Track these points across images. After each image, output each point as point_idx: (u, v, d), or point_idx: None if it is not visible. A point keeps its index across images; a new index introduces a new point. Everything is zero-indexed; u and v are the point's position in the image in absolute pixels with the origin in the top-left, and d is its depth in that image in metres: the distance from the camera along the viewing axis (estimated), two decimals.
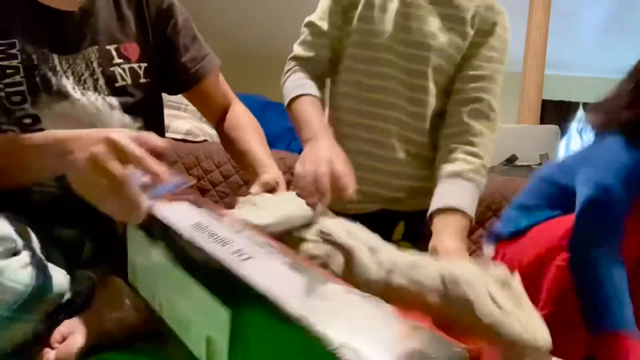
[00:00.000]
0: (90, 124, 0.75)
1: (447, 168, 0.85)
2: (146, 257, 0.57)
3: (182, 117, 2.03)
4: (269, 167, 0.78)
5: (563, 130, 5.26)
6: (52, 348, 0.59)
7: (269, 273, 0.40)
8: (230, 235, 0.47)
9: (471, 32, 0.89)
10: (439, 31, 0.88)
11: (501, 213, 1.61)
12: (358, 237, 0.55)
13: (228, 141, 0.90)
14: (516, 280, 0.46)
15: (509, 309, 0.43)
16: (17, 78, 0.70)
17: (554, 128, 2.69)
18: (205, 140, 1.96)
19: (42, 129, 0.71)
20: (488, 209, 1.60)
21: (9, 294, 0.53)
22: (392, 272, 0.50)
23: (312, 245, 0.56)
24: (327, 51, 0.97)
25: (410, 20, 0.88)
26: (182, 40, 0.86)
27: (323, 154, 0.73)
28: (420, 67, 0.89)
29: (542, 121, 3.94)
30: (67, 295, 0.63)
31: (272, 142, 2.44)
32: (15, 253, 0.55)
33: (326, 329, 0.31)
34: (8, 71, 0.69)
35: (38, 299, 0.57)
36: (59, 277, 0.61)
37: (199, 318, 0.46)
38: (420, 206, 0.89)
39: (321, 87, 0.96)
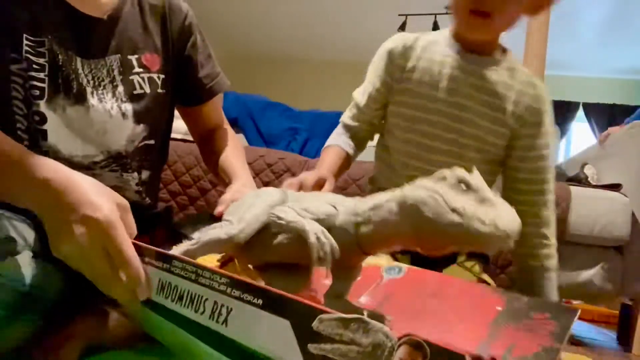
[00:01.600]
0: (101, 131, 0.77)
1: (531, 263, 0.94)
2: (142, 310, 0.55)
3: None
4: (240, 177, 0.83)
5: (563, 130, 5.26)
6: (52, 348, 0.59)
7: (255, 326, 0.41)
8: (194, 288, 0.45)
9: (512, 122, 0.92)
10: (482, 121, 0.92)
11: None
12: (309, 211, 0.54)
13: (207, 153, 0.97)
14: (475, 177, 0.47)
15: (469, 212, 0.44)
16: (42, 75, 0.72)
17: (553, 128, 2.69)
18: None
19: (45, 131, 0.72)
20: None
21: (9, 293, 0.53)
22: (359, 224, 0.51)
23: (281, 237, 0.55)
24: (364, 123, 1.03)
25: (453, 107, 0.92)
26: (199, 57, 0.91)
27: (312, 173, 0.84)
28: (463, 151, 0.94)
29: None
30: (67, 296, 0.63)
31: (272, 142, 2.44)
32: (15, 253, 0.55)
33: None
34: (35, 66, 0.71)
35: (38, 299, 0.57)
36: (58, 277, 0.61)
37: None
38: None
39: (359, 147, 1.04)
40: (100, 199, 0.50)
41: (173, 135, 2.06)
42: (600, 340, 1.97)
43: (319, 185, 0.83)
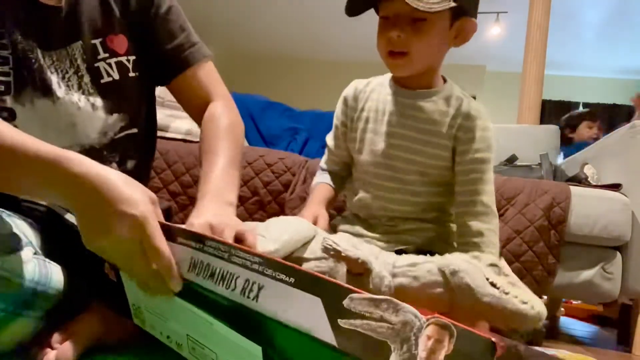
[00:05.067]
0: (69, 124, 0.74)
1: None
2: (147, 300, 0.57)
3: (182, 117, 2.03)
4: (204, 213, 0.66)
5: (563, 131, 5.26)
6: (52, 348, 0.59)
7: (286, 302, 0.42)
8: (226, 266, 0.47)
9: (450, 144, 0.99)
10: (420, 146, 1.00)
11: (501, 213, 1.61)
12: (359, 248, 0.58)
13: (200, 145, 0.84)
14: (504, 263, 0.53)
15: (505, 288, 0.50)
16: (6, 68, 0.69)
17: (554, 128, 2.69)
18: None
19: (16, 127, 0.67)
20: None
21: (12, 288, 0.53)
22: (395, 274, 0.55)
23: (314, 264, 0.60)
24: (337, 165, 1.15)
25: (394, 137, 1.01)
26: (167, 27, 0.83)
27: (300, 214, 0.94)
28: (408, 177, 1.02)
29: (542, 121, 3.93)
30: (68, 294, 0.63)
31: (272, 142, 2.44)
32: (19, 249, 0.55)
33: None
34: None
35: (40, 295, 0.57)
36: (60, 275, 0.61)
37: (226, 353, 0.48)
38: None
39: (339, 187, 1.15)
40: (135, 195, 0.52)
41: (173, 135, 2.06)
42: (600, 340, 1.97)
43: (314, 221, 0.93)
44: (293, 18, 5.19)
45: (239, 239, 0.61)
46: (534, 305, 0.50)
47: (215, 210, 0.66)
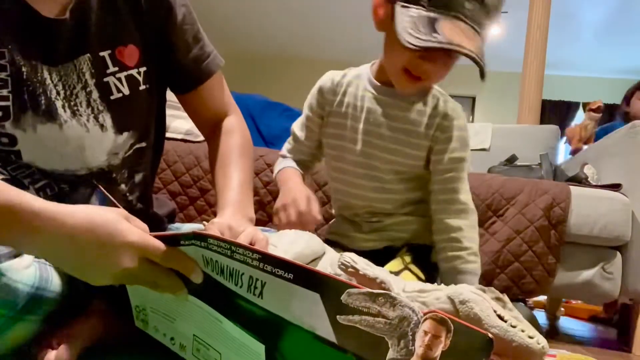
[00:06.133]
0: (77, 147, 0.71)
1: (445, 265, 0.97)
2: (154, 300, 0.58)
3: (182, 117, 2.02)
4: (226, 207, 0.73)
5: (563, 130, 5.26)
6: (52, 348, 0.59)
7: (287, 299, 0.42)
8: (231, 263, 0.48)
9: (428, 143, 0.99)
10: (397, 146, 1.00)
11: (501, 213, 1.61)
12: (374, 268, 0.60)
13: (210, 155, 0.88)
14: (506, 299, 0.56)
15: (512, 322, 0.52)
16: (4, 92, 0.65)
17: (554, 128, 2.69)
18: (205, 140, 1.96)
19: (18, 151, 0.67)
20: (488, 209, 1.60)
21: (12, 294, 0.53)
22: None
23: None
24: (305, 155, 1.13)
25: (371, 136, 1.01)
26: (182, 37, 0.79)
27: (290, 196, 0.95)
28: (382, 175, 1.02)
29: (542, 121, 3.94)
30: (68, 296, 0.63)
31: (272, 142, 2.44)
32: (18, 254, 0.55)
33: None
34: None
35: (40, 299, 0.57)
36: (60, 278, 0.61)
37: (230, 353, 0.48)
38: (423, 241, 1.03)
39: (308, 166, 1.15)
40: (121, 226, 0.50)
41: (173, 135, 2.06)
42: (600, 340, 1.97)
43: (307, 201, 0.93)
44: (293, 18, 5.19)
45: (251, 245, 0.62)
46: (539, 340, 0.52)
47: (237, 220, 0.68)
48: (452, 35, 0.81)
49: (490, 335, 0.35)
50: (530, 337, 0.51)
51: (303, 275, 0.42)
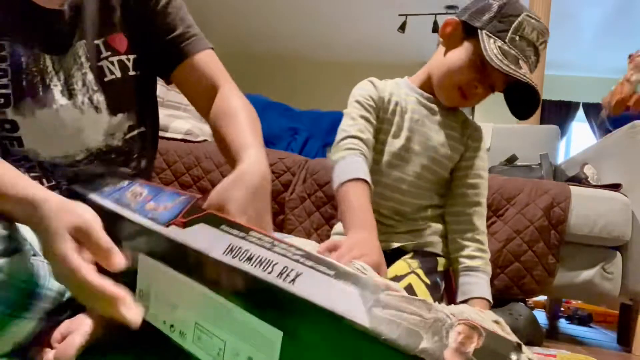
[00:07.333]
0: (75, 130, 0.75)
1: (467, 263, 1.02)
2: (161, 285, 0.57)
3: (182, 117, 2.03)
4: (246, 154, 0.68)
5: (563, 130, 5.26)
6: (51, 348, 0.59)
7: (323, 289, 0.43)
8: (266, 254, 0.48)
9: (462, 148, 1.08)
10: (437, 145, 1.06)
11: (501, 213, 1.61)
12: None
13: (215, 132, 0.80)
14: (503, 323, 0.57)
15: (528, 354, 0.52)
16: (4, 81, 0.70)
17: (554, 128, 2.69)
18: (205, 140, 1.96)
19: (19, 138, 0.71)
20: (488, 209, 1.60)
21: (11, 291, 0.53)
22: None
23: None
24: (371, 134, 1.05)
25: (415, 133, 1.06)
26: (166, 20, 0.81)
27: (364, 248, 0.81)
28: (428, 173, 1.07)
29: (542, 121, 3.94)
30: (68, 295, 0.63)
31: (272, 142, 2.45)
32: (17, 251, 0.55)
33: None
34: None
35: (39, 297, 0.57)
36: None
37: (237, 341, 0.48)
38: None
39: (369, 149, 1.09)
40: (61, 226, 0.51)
41: (173, 135, 2.06)
42: (600, 340, 1.97)
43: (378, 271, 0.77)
44: (293, 18, 5.19)
45: None
46: None
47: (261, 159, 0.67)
48: (527, 74, 0.98)
49: (518, 341, 0.37)
50: None
51: (344, 274, 0.43)
